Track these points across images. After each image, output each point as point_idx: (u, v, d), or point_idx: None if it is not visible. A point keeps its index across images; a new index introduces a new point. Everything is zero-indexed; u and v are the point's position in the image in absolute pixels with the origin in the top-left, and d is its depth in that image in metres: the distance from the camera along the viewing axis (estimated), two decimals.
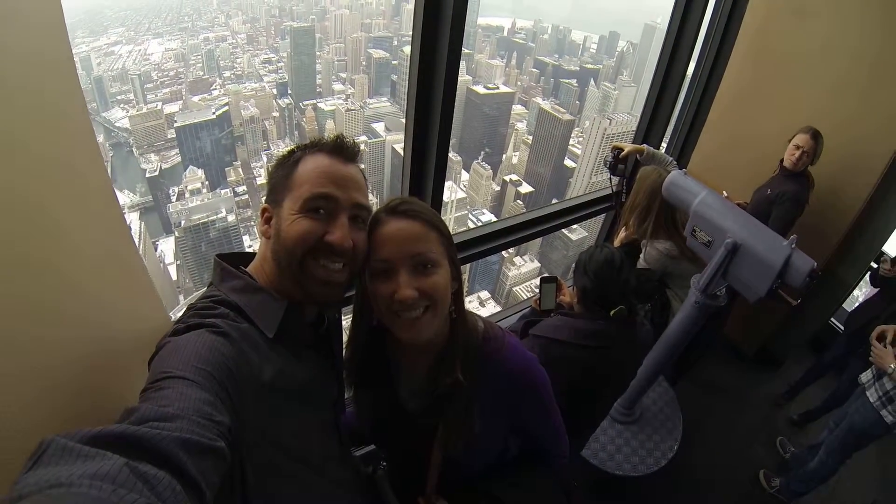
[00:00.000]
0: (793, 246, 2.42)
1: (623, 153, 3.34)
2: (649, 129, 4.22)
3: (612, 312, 2.13)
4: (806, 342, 5.04)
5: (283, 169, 1.16)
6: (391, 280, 1.16)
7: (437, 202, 2.75)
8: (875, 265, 4.08)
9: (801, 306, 3.21)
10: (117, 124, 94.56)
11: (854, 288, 4.49)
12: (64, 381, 1.13)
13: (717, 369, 4.76)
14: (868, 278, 4.23)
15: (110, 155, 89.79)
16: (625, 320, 2.14)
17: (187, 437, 0.73)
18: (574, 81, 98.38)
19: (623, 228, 3.37)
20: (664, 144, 4.62)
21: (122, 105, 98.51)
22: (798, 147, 3.56)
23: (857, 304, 4.26)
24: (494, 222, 3.55)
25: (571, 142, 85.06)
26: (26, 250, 0.98)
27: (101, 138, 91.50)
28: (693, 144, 4.78)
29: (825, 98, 3.83)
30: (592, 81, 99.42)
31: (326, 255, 1.13)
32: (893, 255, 3.89)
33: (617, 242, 3.40)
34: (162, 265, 69.53)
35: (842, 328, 4.55)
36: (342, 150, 1.18)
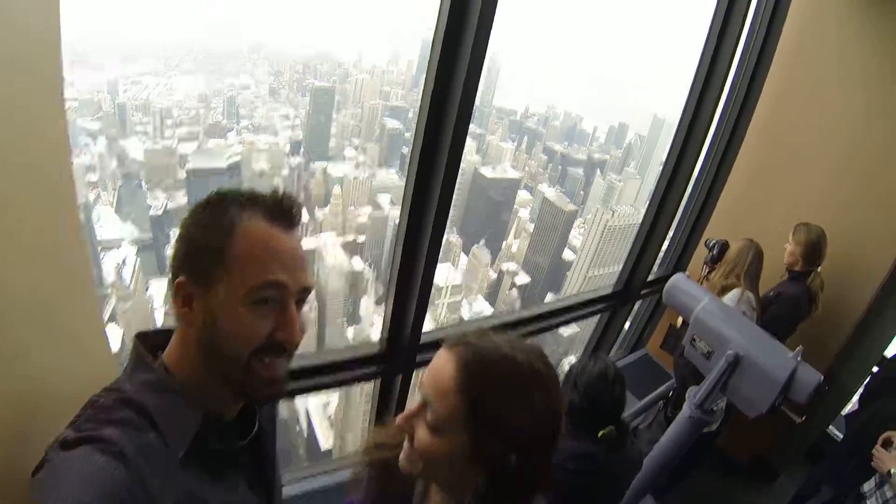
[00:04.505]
0: (798, 358, 2.37)
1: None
2: (654, 223, 4.19)
3: (600, 434, 2.00)
4: (804, 452, 4.74)
5: (212, 233, 0.95)
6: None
7: (428, 282, 2.66)
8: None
9: None
10: (132, 154, 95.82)
11: (855, 394, 4.23)
12: None
13: (707, 481, 4.34)
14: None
15: (119, 184, 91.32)
16: (614, 442, 2.02)
17: None
18: (581, 171, 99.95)
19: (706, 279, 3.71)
20: (667, 241, 4.52)
21: (139, 136, 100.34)
22: (787, 244, 3.56)
23: (852, 409, 4.20)
24: (489, 317, 3.75)
25: (572, 233, 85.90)
26: None
27: (114, 164, 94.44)
28: (697, 241, 4.66)
29: (831, 194, 3.82)
30: (599, 172, 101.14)
31: (275, 352, 0.98)
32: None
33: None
34: (150, 306, 69.96)
35: (840, 436, 4.50)
36: (286, 213, 0.99)
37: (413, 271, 2.61)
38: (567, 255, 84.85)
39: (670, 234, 4.46)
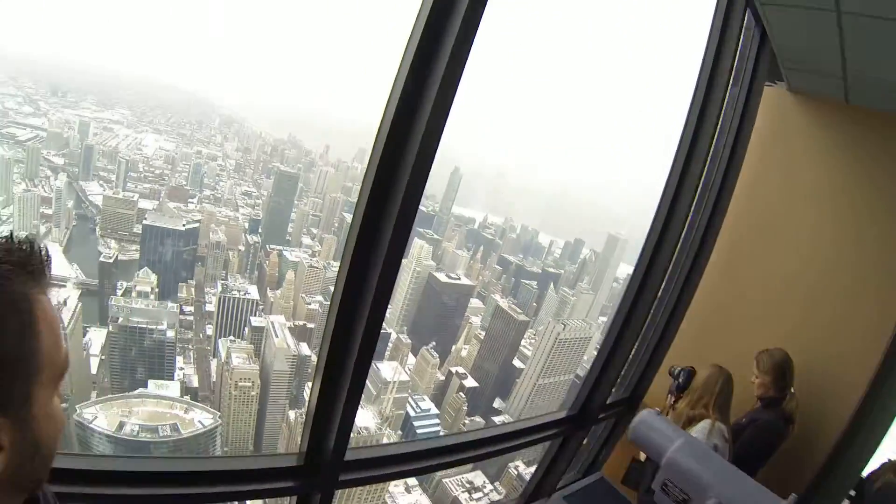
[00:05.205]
0: None
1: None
2: (615, 346, 3.96)
3: None
4: None
5: (8, 336, 0.66)
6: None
7: (357, 388, 2.31)
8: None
9: None
10: (90, 198, 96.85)
11: None
12: None
13: None
14: None
15: (73, 223, 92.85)
16: None
17: None
18: (534, 283, 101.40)
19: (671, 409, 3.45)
20: (626, 365, 4.31)
21: (101, 182, 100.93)
22: (753, 376, 3.39)
23: None
24: (442, 437, 3.37)
25: (523, 343, 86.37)
26: None
27: (70, 204, 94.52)
28: (657, 365, 4.41)
29: (799, 317, 3.74)
30: (552, 285, 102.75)
31: None
32: None
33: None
34: (85, 353, 69.21)
35: None
36: (48, 272, 0.73)
37: (341, 374, 2.32)
38: (518, 363, 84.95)
39: (630, 357, 4.27)
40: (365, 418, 65.04)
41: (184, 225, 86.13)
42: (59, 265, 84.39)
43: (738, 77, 3.71)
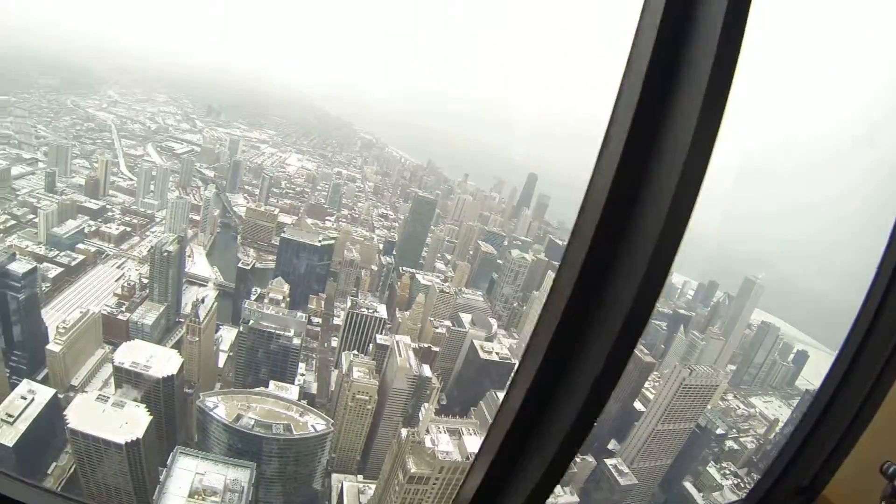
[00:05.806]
0: None
1: None
2: (814, 432, 3.51)
3: None
4: None
5: None
6: None
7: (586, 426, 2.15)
8: None
9: None
10: (235, 208, 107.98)
11: None
12: None
13: None
14: None
15: (217, 230, 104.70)
16: None
17: None
18: (664, 324, 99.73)
19: None
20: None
21: (245, 195, 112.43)
22: None
23: None
24: None
25: (647, 385, 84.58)
26: None
27: (216, 213, 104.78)
28: (843, 456, 3.62)
29: None
30: (682, 327, 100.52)
31: None
32: None
33: None
34: (215, 348, 76.84)
35: None
36: None
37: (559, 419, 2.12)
38: (638, 405, 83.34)
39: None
40: (474, 445, 64.37)
41: (320, 241, 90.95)
42: (202, 267, 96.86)
43: None
